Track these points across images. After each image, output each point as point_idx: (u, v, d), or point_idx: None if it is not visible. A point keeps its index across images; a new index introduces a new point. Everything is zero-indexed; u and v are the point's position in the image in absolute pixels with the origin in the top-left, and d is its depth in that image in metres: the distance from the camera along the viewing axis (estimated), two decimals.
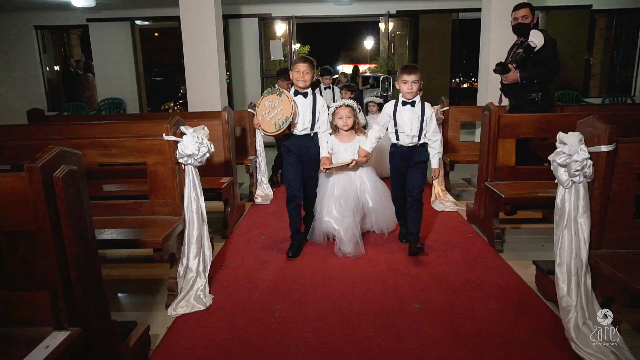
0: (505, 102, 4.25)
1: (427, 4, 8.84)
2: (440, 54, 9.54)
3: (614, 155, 2.01)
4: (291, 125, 3.14)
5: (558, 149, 2.10)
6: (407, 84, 3.00)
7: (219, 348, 2.15)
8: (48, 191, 1.42)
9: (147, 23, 10.13)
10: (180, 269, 2.66)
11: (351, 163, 3.21)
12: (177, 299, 2.55)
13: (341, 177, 3.35)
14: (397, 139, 3.13)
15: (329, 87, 6.05)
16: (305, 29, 12.46)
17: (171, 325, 2.37)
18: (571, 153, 2.02)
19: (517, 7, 3.88)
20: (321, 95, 6.04)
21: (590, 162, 2.01)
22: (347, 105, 3.33)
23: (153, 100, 11.61)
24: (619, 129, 3.21)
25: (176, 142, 2.63)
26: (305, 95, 3.20)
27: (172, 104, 12.38)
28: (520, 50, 3.75)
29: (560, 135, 2.10)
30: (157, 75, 15.98)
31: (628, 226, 2.08)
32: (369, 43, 18.03)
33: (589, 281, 2.04)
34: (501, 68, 3.87)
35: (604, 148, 1.98)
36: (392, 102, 3.16)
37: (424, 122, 3.05)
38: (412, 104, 3.05)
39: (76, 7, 7.88)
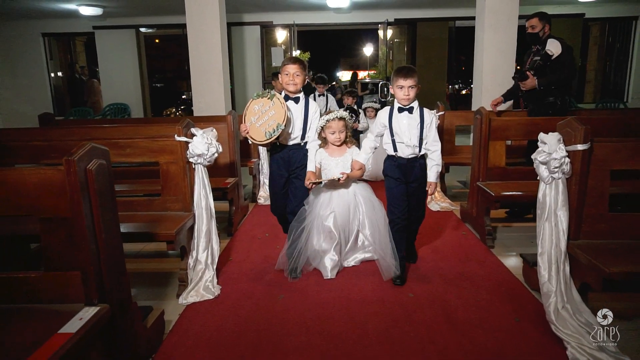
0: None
1: (424, 12, 9.08)
2: (438, 60, 9.78)
3: (589, 153, 2.21)
4: (282, 134, 2.82)
5: (539, 148, 2.30)
6: (403, 89, 2.68)
7: (228, 332, 2.33)
8: (82, 182, 1.61)
9: (151, 30, 10.37)
10: (190, 261, 2.84)
11: (341, 178, 2.82)
12: (188, 289, 2.73)
13: (333, 201, 2.97)
14: (395, 150, 2.79)
15: (323, 95, 6.27)
16: (305, 36, 12.70)
17: (183, 312, 2.55)
18: (551, 152, 2.22)
19: (528, 18, 4.10)
20: (315, 102, 6.25)
21: (567, 159, 2.21)
22: (341, 118, 2.92)
23: (155, 106, 11.84)
24: (605, 131, 3.42)
25: (187, 143, 2.83)
26: (296, 100, 2.91)
27: (173, 110, 12.61)
28: (538, 57, 3.93)
29: (541, 135, 2.30)
30: (158, 82, 16.19)
31: (603, 219, 2.27)
32: (368, 50, 18.31)
33: (568, 269, 2.23)
34: (519, 75, 4.06)
35: (580, 147, 2.17)
36: (387, 109, 2.83)
37: (424, 130, 2.75)
38: (410, 110, 2.74)
39: (83, 15, 8.11)
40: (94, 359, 1.64)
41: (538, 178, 2.35)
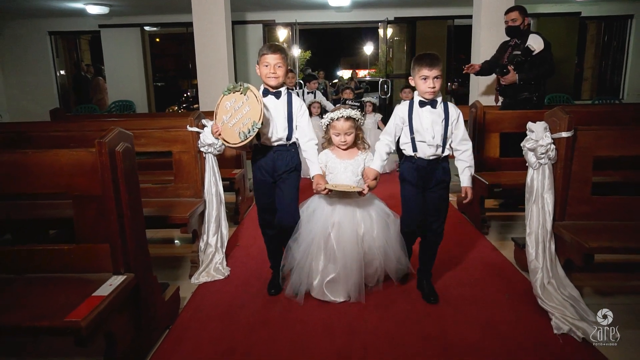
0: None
1: (424, 11, 9.25)
2: None
3: (573, 140, 2.38)
4: (260, 134, 2.42)
5: (527, 136, 2.48)
6: (428, 80, 2.29)
7: (238, 307, 2.52)
8: (112, 163, 1.79)
9: (156, 29, 10.54)
10: (201, 244, 3.03)
11: (363, 191, 2.42)
12: (199, 270, 2.91)
13: (339, 214, 2.50)
14: (415, 150, 2.40)
15: (312, 92, 6.48)
16: (307, 35, 12.88)
17: (195, 290, 2.74)
18: (538, 139, 2.40)
19: (507, 11, 4.18)
20: (303, 99, 6.33)
21: (553, 146, 2.38)
22: (348, 118, 2.50)
23: (157, 103, 12.02)
24: (595, 123, 3.59)
25: (198, 133, 3.01)
26: (277, 95, 2.46)
27: (175, 108, 12.80)
28: (518, 52, 3.96)
29: (529, 124, 2.48)
30: (159, 80, 16.33)
31: (586, 201, 2.45)
32: (368, 48, 18.51)
33: (553, 247, 2.41)
34: (500, 70, 4.12)
35: (564, 134, 2.35)
36: (405, 103, 2.45)
37: (449, 128, 2.37)
38: (433, 104, 2.36)
39: (90, 14, 8.29)
40: (122, 321, 1.83)
41: (527, 164, 2.52)
